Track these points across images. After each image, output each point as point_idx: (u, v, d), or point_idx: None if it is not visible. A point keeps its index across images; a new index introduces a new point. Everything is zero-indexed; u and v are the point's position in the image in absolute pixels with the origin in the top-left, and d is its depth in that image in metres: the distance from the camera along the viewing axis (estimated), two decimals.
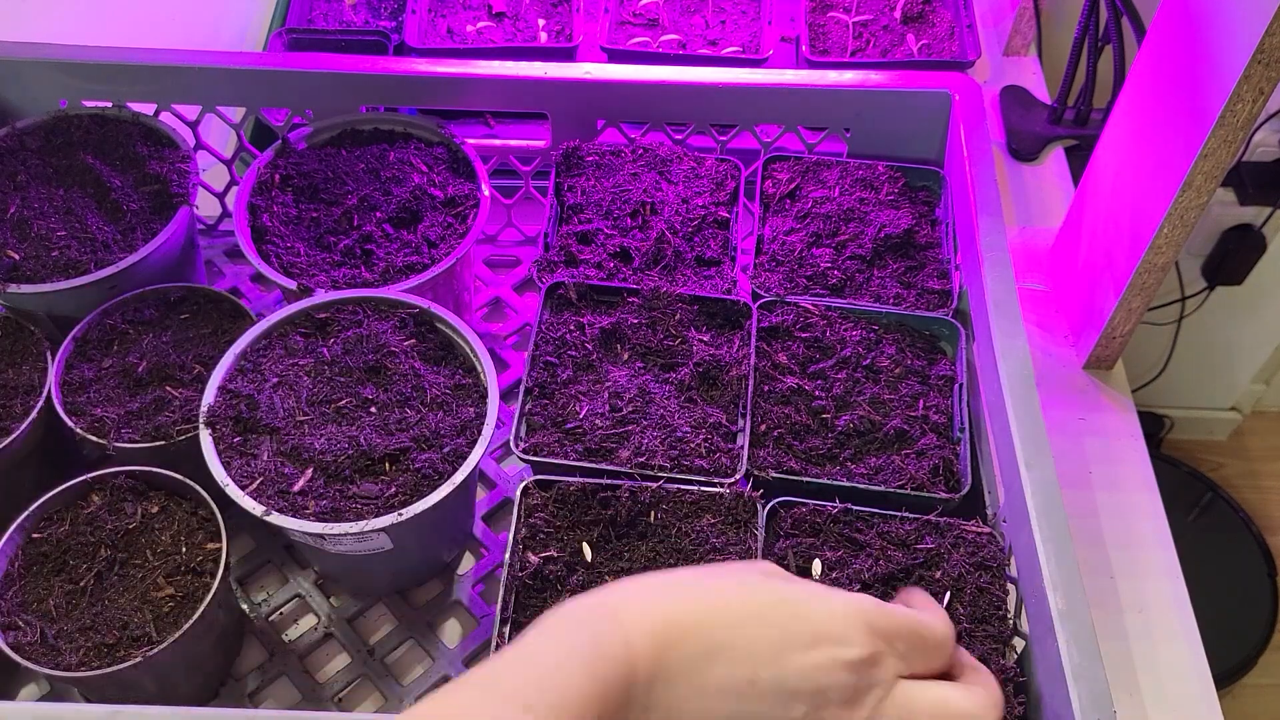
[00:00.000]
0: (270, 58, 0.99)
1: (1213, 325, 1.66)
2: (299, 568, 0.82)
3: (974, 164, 0.85)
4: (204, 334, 0.83)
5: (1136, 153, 0.85)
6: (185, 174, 0.88)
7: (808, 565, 0.69)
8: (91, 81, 0.92)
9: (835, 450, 0.76)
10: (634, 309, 0.81)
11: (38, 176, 0.88)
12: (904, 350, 0.81)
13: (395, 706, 0.75)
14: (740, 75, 0.92)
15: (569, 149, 0.91)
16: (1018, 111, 1.16)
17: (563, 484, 0.71)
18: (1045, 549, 0.64)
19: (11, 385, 0.80)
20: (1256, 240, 1.51)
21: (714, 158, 0.91)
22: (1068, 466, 0.89)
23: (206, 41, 1.17)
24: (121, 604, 0.70)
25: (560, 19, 1.11)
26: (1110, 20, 1.05)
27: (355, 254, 0.85)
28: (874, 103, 0.91)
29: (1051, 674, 0.61)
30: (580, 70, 0.91)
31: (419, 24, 1.10)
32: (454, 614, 0.80)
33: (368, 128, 0.93)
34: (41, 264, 0.83)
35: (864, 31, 1.11)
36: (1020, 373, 0.73)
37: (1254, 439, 1.99)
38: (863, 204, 0.88)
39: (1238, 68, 0.70)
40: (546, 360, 0.78)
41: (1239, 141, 0.75)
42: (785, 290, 0.83)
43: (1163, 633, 0.81)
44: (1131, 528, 0.86)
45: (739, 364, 0.78)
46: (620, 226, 0.86)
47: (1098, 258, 0.92)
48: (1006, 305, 0.76)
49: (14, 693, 0.76)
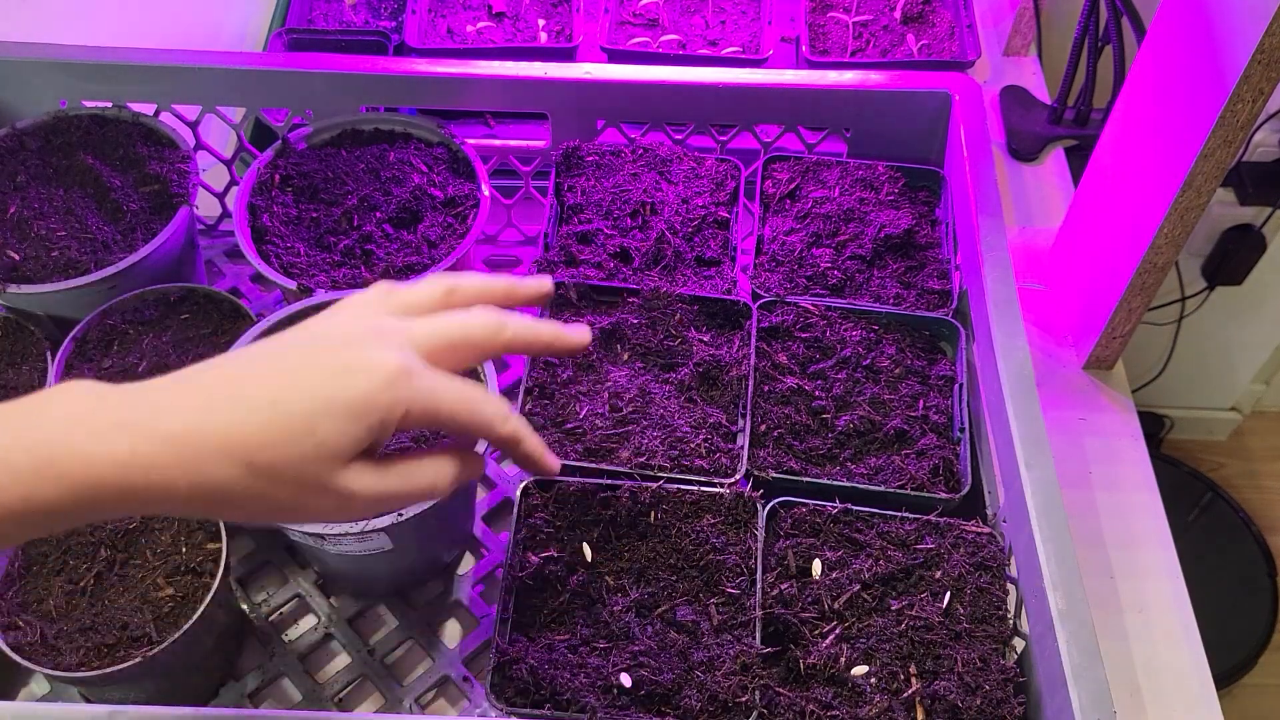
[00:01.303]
0: (270, 58, 0.99)
1: (1213, 325, 1.66)
2: (299, 568, 0.82)
3: (974, 164, 0.85)
4: (204, 334, 0.83)
5: (1136, 153, 0.85)
6: (185, 174, 0.88)
7: (808, 565, 0.69)
8: (91, 82, 0.92)
9: (835, 450, 0.76)
10: (634, 309, 0.81)
11: (38, 177, 0.88)
12: (904, 350, 0.81)
13: (395, 707, 0.75)
14: (740, 75, 0.92)
15: (569, 149, 0.91)
16: (1018, 111, 1.16)
17: (563, 484, 0.71)
18: (1045, 549, 0.64)
19: (11, 386, 0.80)
20: (1256, 240, 1.51)
21: (714, 158, 0.91)
22: (1068, 466, 0.89)
23: (206, 41, 1.17)
24: (121, 604, 0.70)
25: (560, 19, 1.11)
26: (1110, 20, 1.05)
27: (355, 254, 0.85)
28: (874, 103, 0.91)
29: (1051, 674, 0.61)
30: (580, 70, 0.91)
31: (419, 24, 1.10)
32: (454, 614, 0.80)
33: (368, 128, 0.93)
34: (41, 264, 0.83)
35: (864, 31, 1.11)
36: (1020, 373, 0.73)
37: (1254, 439, 1.99)
38: (863, 204, 0.88)
39: (1238, 68, 0.70)
40: (546, 360, 0.78)
41: (1239, 141, 0.75)
42: (785, 290, 0.83)
43: (1163, 633, 0.81)
44: (1131, 528, 0.86)
45: (739, 364, 0.78)
46: (620, 226, 0.86)
47: (1098, 258, 0.92)
48: (1006, 305, 0.76)
49: (14, 693, 0.76)
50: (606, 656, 0.65)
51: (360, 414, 0.48)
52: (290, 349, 0.51)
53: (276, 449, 0.47)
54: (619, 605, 0.67)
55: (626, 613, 0.67)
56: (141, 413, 0.46)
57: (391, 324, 0.52)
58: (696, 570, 0.68)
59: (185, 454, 0.46)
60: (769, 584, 0.68)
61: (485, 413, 0.53)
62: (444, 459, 0.54)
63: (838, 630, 0.66)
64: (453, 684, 0.77)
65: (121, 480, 0.45)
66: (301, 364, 0.49)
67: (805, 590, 0.67)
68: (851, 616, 0.67)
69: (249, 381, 0.48)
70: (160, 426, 0.46)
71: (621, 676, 0.63)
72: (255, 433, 0.47)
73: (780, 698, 0.64)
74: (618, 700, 0.63)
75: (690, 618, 0.66)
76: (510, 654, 0.64)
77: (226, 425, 0.46)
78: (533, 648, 0.65)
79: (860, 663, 0.65)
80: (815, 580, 0.68)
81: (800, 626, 0.66)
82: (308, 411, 0.48)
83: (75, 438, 0.45)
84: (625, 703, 0.63)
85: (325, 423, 0.48)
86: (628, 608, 0.67)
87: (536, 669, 0.63)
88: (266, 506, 0.48)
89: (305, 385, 0.48)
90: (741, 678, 0.63)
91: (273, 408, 0.47)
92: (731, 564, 0.68)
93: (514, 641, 0.66)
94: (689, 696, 0.63)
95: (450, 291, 0.55)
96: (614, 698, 0.63)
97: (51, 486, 0.44)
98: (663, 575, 0.68)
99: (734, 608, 0.67)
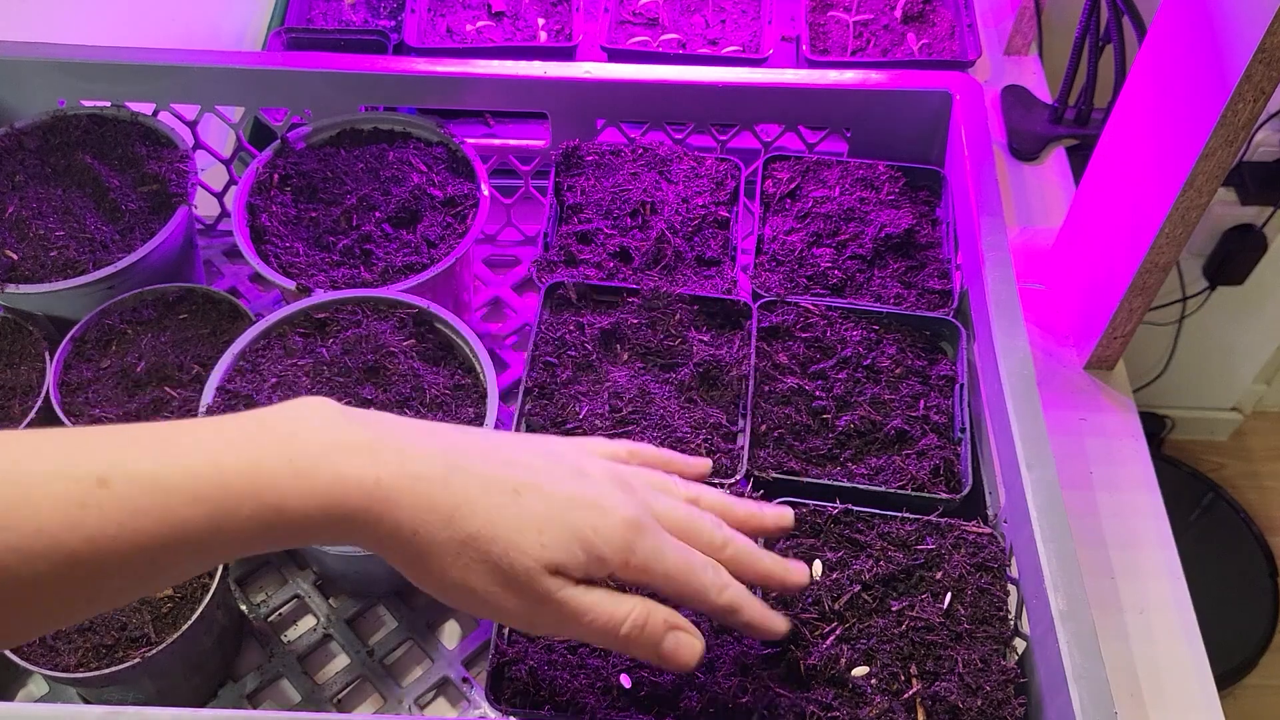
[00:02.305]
0: (269, 57, 0.99)
1: (1214, 325, 1.66)
2: (298, 568, 0.81)
3: (974, 164, 0.85)
4: (203, 334, 0.83)
5: (1138, 152, 0.85)
6: (184, 174, 0.88)
7: (808, 566, 0.69)
8: (90, 81, 0.92)
9: (836, 450, 0.75)
10: (634, 309, 0.80)
11: (36, 176, 0.88)
12: (905, 350, 0.81)
13: (395, 708, 0.75)
14: (740, 75, 0.91)
15: (569, 149, 0.91)
16: (1018, 111, 1.16)
17: None
18: (1046, 549, 0.64)
19: (10, 386, 0.80)
20: (1258, 240, 1.51)
21: (714, 157, 0.91)
22: (1069, 467, 0.89)
23: (206, 41, 1.16)
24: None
25: (560, 18, 1.11)
26: (1111, 19, 1.05)
27: (354, 254, 0.85)
28: (874, 102, 0.91)
29: (1052, 675, 0.61)
30: (580, 70, 0.91)
31: (418, 23, 1.10)
32: (453, 615, 0.80)
33: (367, 127, 0.93)
34: (40, 264, 0.83)
35: (864, 31, 1.11)
36: (1021, 373, 0.72)
37: (1255, 439, 1.99)
38: (863, 204, 0.88)
39: (1239, 67, 0.70)
40: (546, 360, 0.78)
41: (1240, 141, 0.75)
42: (785, 290, 0.83)
43: (1164, 633, 0.81)
44: (1132, 528, 0.86)
45: (739, 364, 0.78)
46: (620, 226, 0.86)
47: (1099, 258, 0.92)
48: (1007, 305, 0.76)
49: (12, 693, 0.76)
50: (606, 657, 0.65)
51: (587, 542, 0.49)
52: (537, 453, 0.52)
53: (498, 529, 0.47)
54: None
55: None
56: (390, 446, 0.47)
57: (640, 478, 0.54)
58: None
59: (421, 499, 0.46)
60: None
61: (702, 581, 0.53)
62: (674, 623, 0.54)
63: (838, 631, 0.66)
64: (452, 685, 0.76)
65: (357, 512, 0.46)
66: (548, 469, 0.50)
67: (805, 591, 0.67)
68: (852, 617, 0.67)
69: (494, 457, 0.49)
70: (407, 466, 0.47)
71: (621, 678, 0.62)
72: (486, 510, 0.47)
73: (780, 699, 0.63)
74: (617, 702, 0.63)
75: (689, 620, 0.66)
76: (509, 655, 0.64)
77: (465, 489, 0.47)
78: (532, 648, 0.65)
79: (861, 663, 0.65)
80: (815, 581, 0.68)
81: (800, 627, 0.66)
82: (543, 514, 0.48)
83: (333, 456, 0.45)
84: (625, 704, 0.63)
85: (555, 531, 0.48)
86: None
87: (535, 670, 0.63)
88: (460, 578, 0.48)
89: (549, 489, 0.49)
90: (741, 679, 0.63)
91: (515, 495, 0.48)
92: None
93: (513, 642, 0.66)
94: (688, 698, 0.62)
95: (694, 499, 0.57)
96: (613, 699, 0.63)
97: (299, 500, 0.45)
98: None
99: None
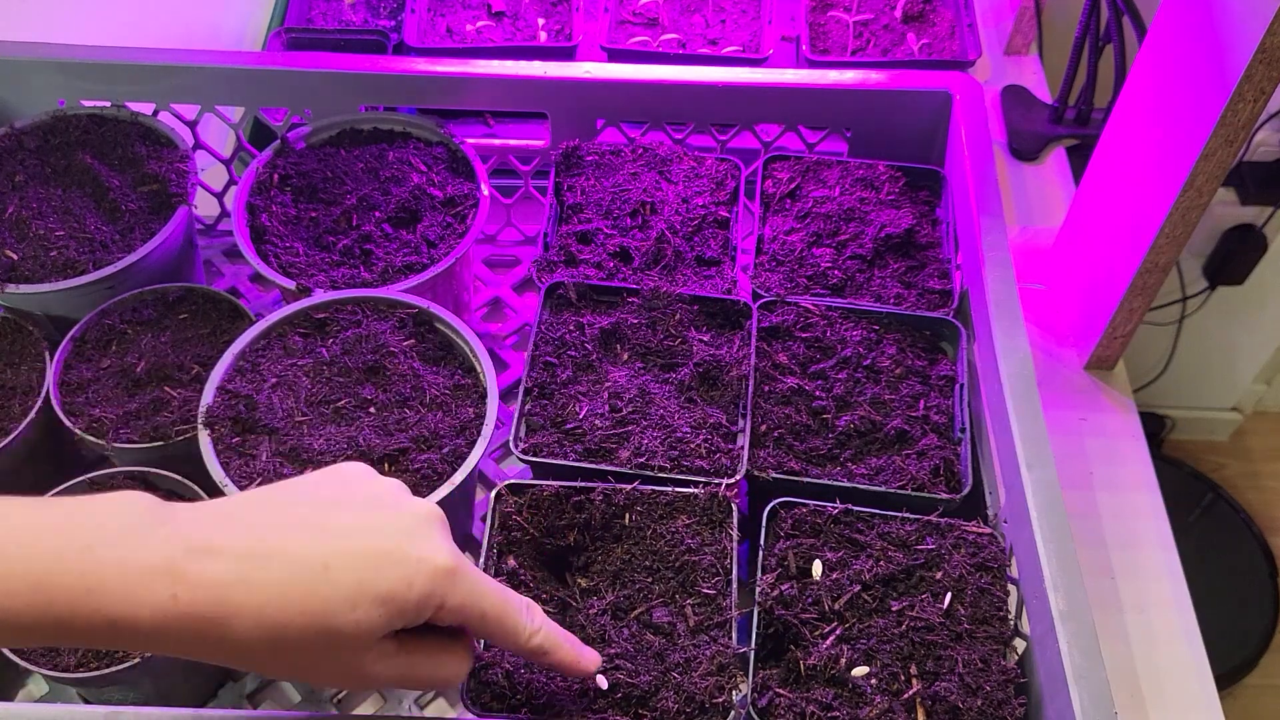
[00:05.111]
0: (269, 57, 0.99)
1: (1214, 325, 1.66)
2: None
3: (975, 163, 0.85)
4: (202, 334, 0.83)
5: (1138, 152, 0.85)
6: (184, 174, 0.88)
7: (808, 566, 0.69)
8: (90, 81, 0.92)
9: (836, 450, 0.75)
10: (634, 309, 0.80)
11: (36, 176, 0.88)
12: (905, 350, 0.81)
13: (394, 707, 0.75)
14: (740, 75, 0.91)
15: (569, 149, 0.91)
16: (1018, 111, 1.16)
17: (537, 488, 0.71)
18: (1046, 550, 0.64)
19: (10, 385, 0.80)
20: (1257, 240, 1.51)
21: (714, 157, 0.91)
22: (1069, 467, 0.89)
23: (206, 41, 1.16)
24: None
25: (560, 18, 1.11)
26: (1111, 19, 1.05)
27: (354, 254, 0.85)
28: (874, 102, 0.91)
29: (1052, 675, 0.61)
30: (580, 70, 0.91)
31: (418, 23, 1.10)
32: None
33: (367, 127, 0.93)
34: (40, 264, 0.82)
35: (864, 31, 1.11)
36: (1021, 373, 0.72)
37: (1255, 439, 1.99)
38: (863, 203, 0.88)
39: (1239, 67, 0.70)
40: (546, 360, 0.78)
41: (1240, 141, 0.75)
42: (785, 290, 0.83)
43: (1164, 633, 0.81)
44: (1132, 528, 0.86)
45: (739, 364, 0.78)
46: (620, 226, 0.86)
47: (1099, 258, 0.92)
48: (1007, 305, 0.76)
49: (12, 694, 0.76)
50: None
51: (399, 603, 0.48)
52: (344, 506, 0.50)
53: (311, 617, 0.46)
54: (595, 608, 0.67)
55: (602, 615, 0.66)
56: (193, 550, 0.46)
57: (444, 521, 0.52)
58: (672, 571, 0.68)
59: (222, 611, 0.45)
60: (769, 585, 0.68)
61: (516, 624, 0.53)
62: (466, 654, 0.54)
63: (838, 631, 0.66)
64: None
65: (155, 629, 0.45)
66: (354, 529, 0.49)
67: (805, 591, 0.67)
68: (852, 617, 0.67)
69: (300, 536, 0.48)
70: (206, 574, 0.46)
71: (598, 679, 0.62)
72: (298, 599, 0.46)
73: (780, 699, 0.63)
74: (594, 703, 0.62)
75: (666, 619, 0.66)
76: (485, 658, 0.63)
77: (269, 583, 0.46)
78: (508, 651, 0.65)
79: (861, 664, 0.65)
80: (815, 581, 0.68)
81: (800, 627, 0.66)
82: (353, 587, 0.47)
83: (128, 577, 0.44)
84: (602, 706, 0.62)
85: (366, 607, 0.47)
86: (603, 610, 0.67)
87: (512, 673, 0.63)
88: (284, 671, 0.49)
89: (360, 547, 0.48)
90: (718, 678, 0.63)
91: (324, 571, 0.47)
92: (707, 564, 0.68)
93: (488, 646, 0.65)
94: (666, 698, 0.62)
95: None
96: (590, 701, 0.62)
97: (85, 620, 0.44)
98: (638, 577, 0.68)
99: (710, 608, 0.66)
